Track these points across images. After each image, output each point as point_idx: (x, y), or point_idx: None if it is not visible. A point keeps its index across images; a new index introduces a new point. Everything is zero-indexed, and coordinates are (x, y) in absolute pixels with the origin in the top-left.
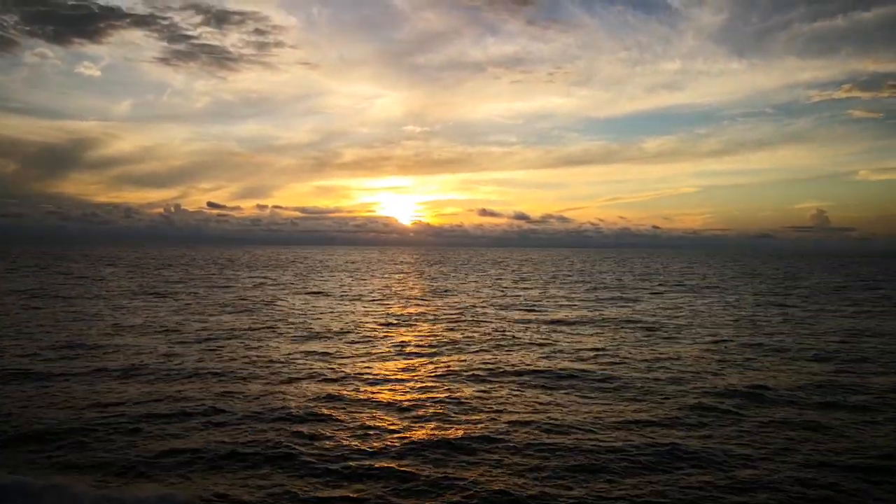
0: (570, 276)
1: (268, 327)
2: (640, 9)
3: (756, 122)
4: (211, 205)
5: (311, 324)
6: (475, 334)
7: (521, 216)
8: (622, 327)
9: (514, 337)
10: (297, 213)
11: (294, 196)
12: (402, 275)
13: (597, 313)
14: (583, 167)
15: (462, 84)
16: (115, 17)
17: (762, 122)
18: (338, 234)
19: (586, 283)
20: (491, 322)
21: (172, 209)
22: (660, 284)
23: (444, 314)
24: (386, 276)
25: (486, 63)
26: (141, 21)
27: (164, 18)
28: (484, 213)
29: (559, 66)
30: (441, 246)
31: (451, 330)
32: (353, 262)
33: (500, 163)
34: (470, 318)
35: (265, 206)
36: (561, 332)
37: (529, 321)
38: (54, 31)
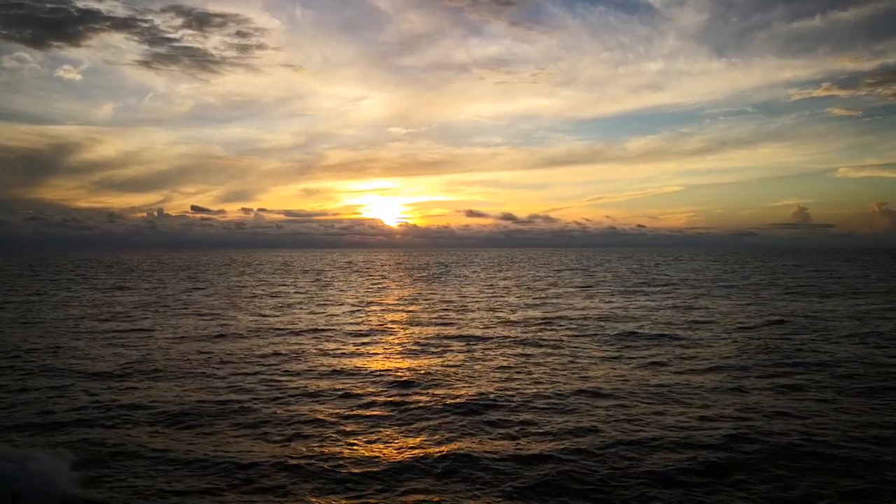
0: (600, 277)
1: (329, 369)
2: (622, 10)
3: (737, 120)
4: (195, 208)
5: (395, 353)
6: (629, 378)
7: (508, 216)
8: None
9: (657, 366)
10: (283, 216)
11: (279, 199)
12: (419, 279)
13: (726, 335)
14: (568, 167)
15: (447, 85)
16: (95, 19)
17: (743, 121)
18: (324, 236)
19: (636, 284)
20: (609, 346)
21: (155, 213)
22: (721, 285)
23: (542, 334)
24: (407, 280)
25: (470, 64)
26: (121, 24)
27: (145, 21)
28: (471, 213)
29: (543, 67)
30: (429, 247)
31: (586, 363)
32: (352, 264)
33: (486, 164)
34: (584, 343)
35: (250, 210)
36: (702, 354)
37: (651, 339)
38: (32, 35)
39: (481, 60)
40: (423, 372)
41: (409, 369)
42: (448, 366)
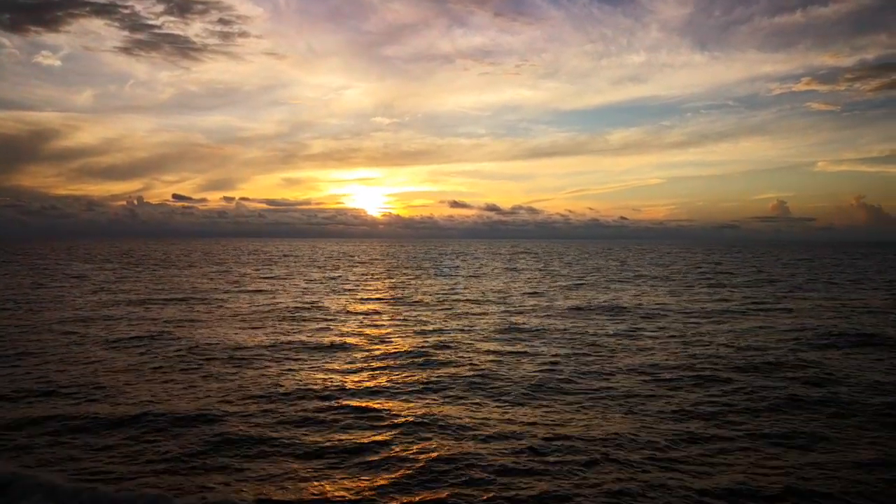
0: (632, 269)
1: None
2: (605, 2)
3: (719, 114)
4: (176, 197)
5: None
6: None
7: (492, 207)
8: None
9: None
10: (265, 206)
11: (261, 188)
12: (428, 270)
13: None
14: (551, 159)
15: (431, 75)
16: (75, 5)
17: (725, 115)
18: (306, 226)
19: (670, 277)
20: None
21: (135, 202)
22: (764, 279)
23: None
24: (423, 273)
25: (454, 55)
26: (101, 9)
27: (125, 7)
28: (455, 204)
29: (526, 59)
30: (413, 238)
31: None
32: (347, 254)
33: (470, 154)
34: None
35: (232, 199)
36: None
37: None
38: (11, 20)
39: (465, 51)
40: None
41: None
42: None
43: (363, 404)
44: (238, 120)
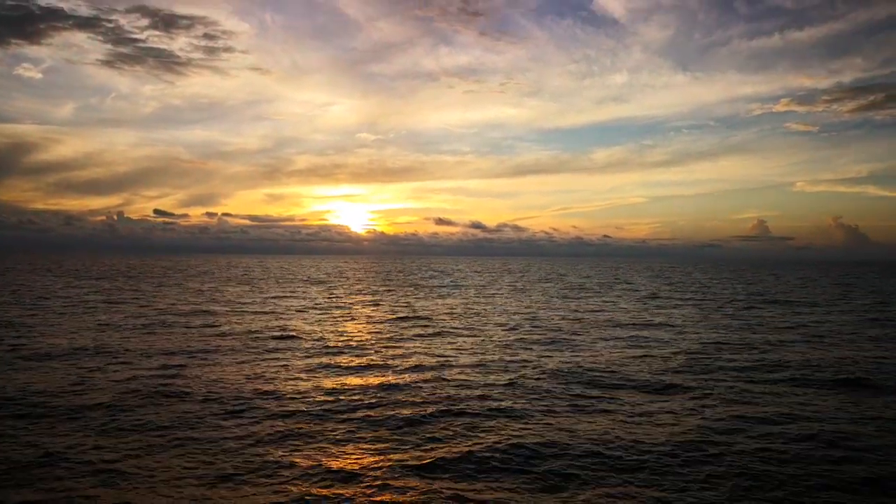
0: (653, 289)
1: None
2: (589, 23)
3: (700, 133)
4: (157, 212)
5: None
6: None
7: (477, 225)
8: None
9: None
10: (248, 221)
11: (244, 204)
12: (437, 289)
13: None
14: (535, 177)
15: (416, 93)
16: (57, 18)
17: (706, 134)
18: (290, 242)
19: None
20: None
21: (115, 217)
22: (765, 300)
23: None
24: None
25: (439, 73)
26: (84, 23)
27: (109, 21)
28: (440, 221)
29: (511, 77)
30: (398, 255)
31: None
32: (344, 273)
33: (454, 171)
34: None
35: (214, 214)
36: None
37: None
38: None
39: (450, 69)
40: None
41: None
42: None
43: (467, 493)
44: (221, 135)
